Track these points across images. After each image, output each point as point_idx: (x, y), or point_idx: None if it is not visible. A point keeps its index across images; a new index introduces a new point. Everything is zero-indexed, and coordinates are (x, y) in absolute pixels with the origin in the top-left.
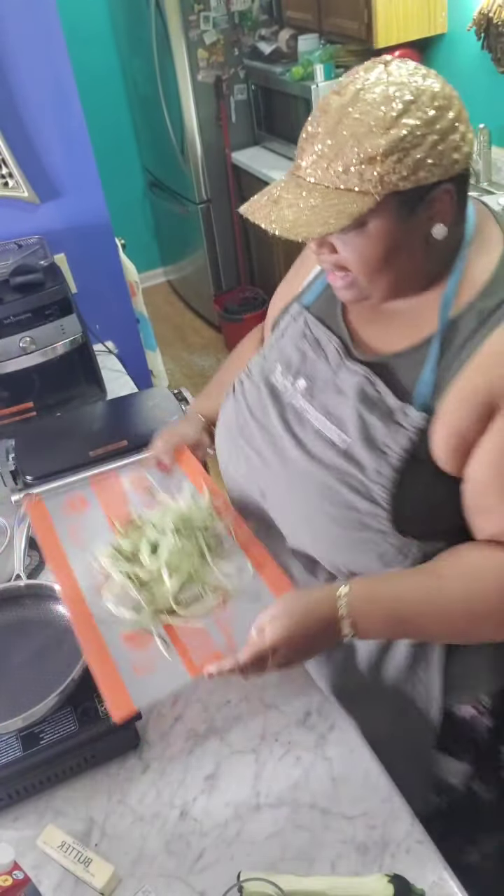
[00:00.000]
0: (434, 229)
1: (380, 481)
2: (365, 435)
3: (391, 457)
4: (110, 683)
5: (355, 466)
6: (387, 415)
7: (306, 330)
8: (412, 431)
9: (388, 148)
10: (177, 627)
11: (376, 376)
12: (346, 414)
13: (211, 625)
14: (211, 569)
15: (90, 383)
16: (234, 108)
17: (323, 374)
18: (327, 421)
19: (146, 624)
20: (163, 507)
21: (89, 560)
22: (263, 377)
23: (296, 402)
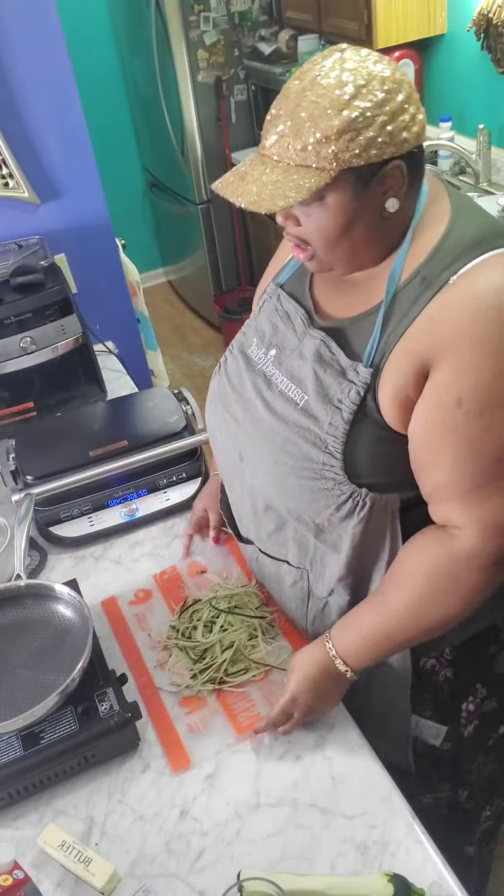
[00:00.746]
0: (388, 203)
1: (333, 433)
2: (321, 392)
3: (343, 411)
4: (169, 740)
5: (312, 421)
6: (340, 373)
7: (278, 305)
8: (360, 386)
9: (341, 128)
10: (226, 694)
11: (331, 339)
12: (305, 374)
13: (255, 693)
14: (257, 646)
15: (90, 383)
16: (234, 109)
17: (290, 343)
18: (290, 383)
19: (199, 691)
20: (216, 588)
21: (154, 640)
22: (241, 351)
23: (266, 369)
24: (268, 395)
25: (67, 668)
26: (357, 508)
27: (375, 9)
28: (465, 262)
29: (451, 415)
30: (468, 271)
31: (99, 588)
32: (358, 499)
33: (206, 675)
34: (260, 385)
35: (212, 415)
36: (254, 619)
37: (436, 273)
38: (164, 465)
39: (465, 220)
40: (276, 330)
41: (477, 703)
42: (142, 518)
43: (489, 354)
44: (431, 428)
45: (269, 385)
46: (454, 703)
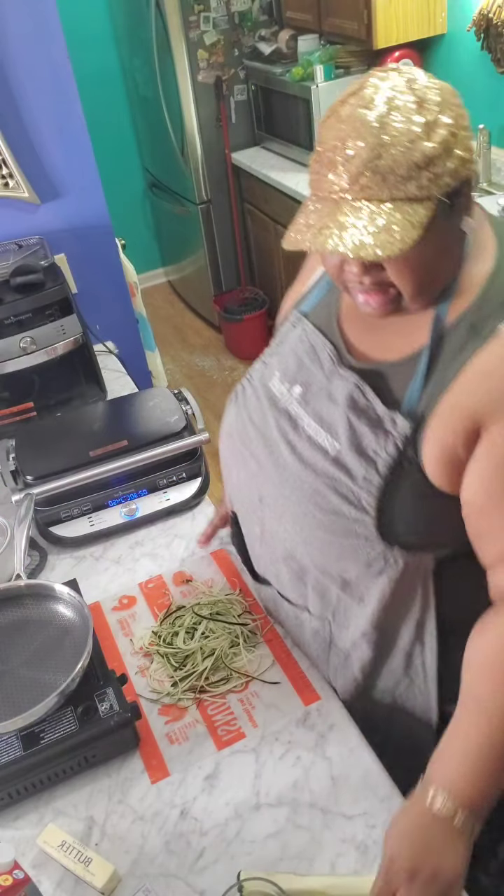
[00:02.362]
0: (464, 224)
1: (367, 488)
2: (354, 442)
3: (379, 464)
4: (148, 751)
5: (345, 473)
6: (375, 422)
7: (303, 336)
8: (399, 438)
9: (437, 150)
10: (206, 703)
11: (366, 384)
12: (337, 421)
13: (235, 704)
14: (239, 654)
15: (90, 383)
16: (234, 109)
17: (317, 381)
18: (319, 427)
19: (179, 699)
20: (200, 596)
21: (136, 644)
22: (263, 383)
23: (291, 408)
24: (294, 439)
25: (67, 668)
26: (388, 567)
27: (375, 9)
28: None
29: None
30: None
31: (99, 588)
32: (390, 558)
33: (187, 682)
34: (285, 426)
35: (228, 449)
36: (235, 626)
37: (484, 319)
38: (164, 465)
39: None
40: (300, 365)
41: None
42: (142, 518)
43: None
44: (493, 493)
45: (296, 427)
46: None
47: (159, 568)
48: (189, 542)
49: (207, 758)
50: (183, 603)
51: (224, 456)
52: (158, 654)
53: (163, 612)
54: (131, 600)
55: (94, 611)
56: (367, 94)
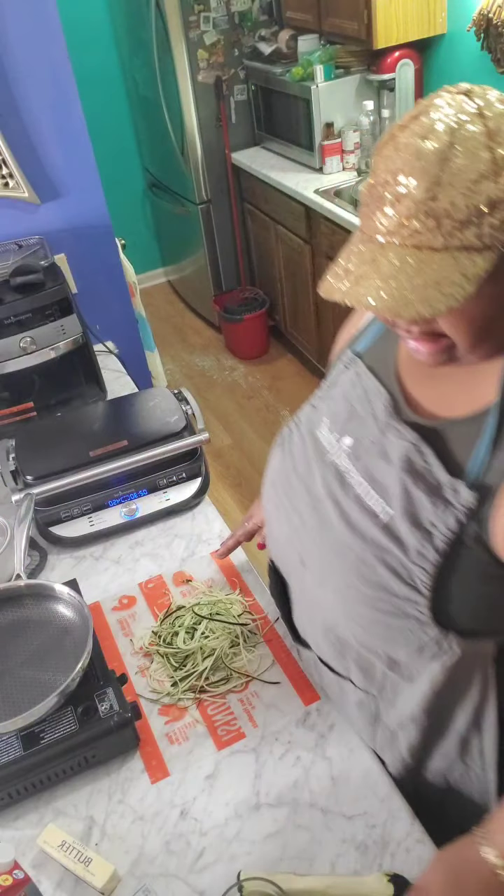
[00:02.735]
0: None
1: (422, 564)
2: (409, 510)
3: (436, 537)
4: (148, 751)
5: (396, 544)
6: (434, 490)
7: (356, 381)
8: (461, 511)
9: None
10: (206, 703)
11: (426, 444)
12: (390, 483)
13: (235, 704)
14: (238, 654)
15: (90, 383)
16: (234, 109)
17: (370, 434)
18: (370, 488)
19: (179, 699)
20: (200, 596)
21: (136, 644)
22: (310, 430)
23: (340, 461)
24: (341, 498)
25: (67, 668)
26: (442, 654)
27: (375, 9)
28: None
29: None
30: None
31: (99, 588)
32: (444, 644)
33: (187, 682)
34: (332, 482)
35: (271, 500)
36: (235, 626)
37: None
38: (164, 465)
39: None
40: (352, 414)
41: None
42: (142, 518)
43: None
44: None
45: (343, 484)
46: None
47: (159, 568)
48: (189, 541)
49: (207, 758)
50: (183, 603)
51: (266, 506)
52: (158, 654)
53: (163, 612)
54: (131, 600)
55: (94, 611)
56: (428, 120)
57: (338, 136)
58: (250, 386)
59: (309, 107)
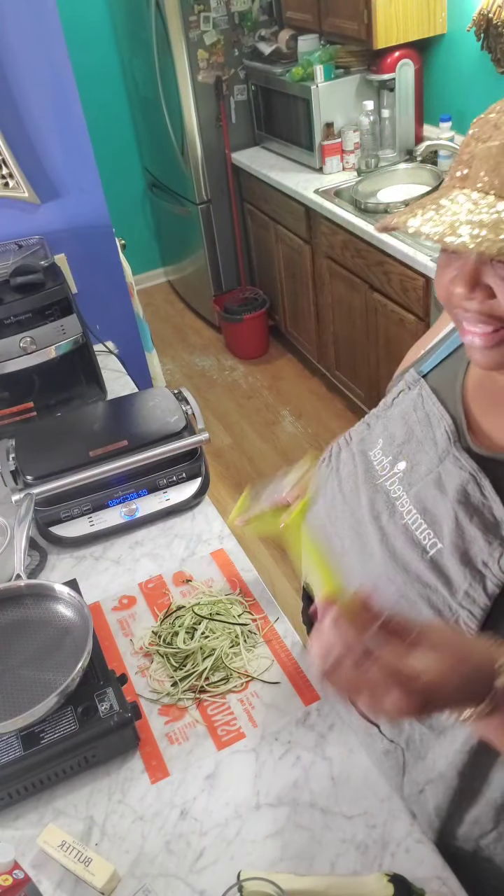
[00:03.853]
0: None
1: (469, 607)
2: (460, 546)
3: (488, 579)
4: (148, 751)
5: (443, 582)
6: (491, 527)
7: (418, 402)
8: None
9: None
10: (206, 703)
11: (485, 477)
12: (442, 515)
13: (235, 704)
14: (239, 654)
15: (90, 383)
16: (234, 109)
17: (427, 461)
18: (420, 518)
19: (179, 700)
20: (200, 596)
21: (136, 644)
22: (362, 450)
23: (392, 487)
24: (387, 525)
25: (67, 668)
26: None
27: (375, 9)
28: None
29: None
30: None
31: (99, 588)
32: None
33: (187, 682)
34: (380, 508)
35: (317, 517)
36: (235, 626)
37: None
38: (164, 465)
39: None
40: (410, 436)
41: None
42: (142, 518)
43: None
44: None
45: (392, 511)
46: None
47: (159, 568)
48: (189, 542)
49: (207, 758)
50: (183, 603)
51: (314, 521)
52: (158, 654)
53: (163, 612)
54: (131, 600)
55: (94, 611)
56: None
57: (338, 136)
58: (250, 386)
59: (309, 107)
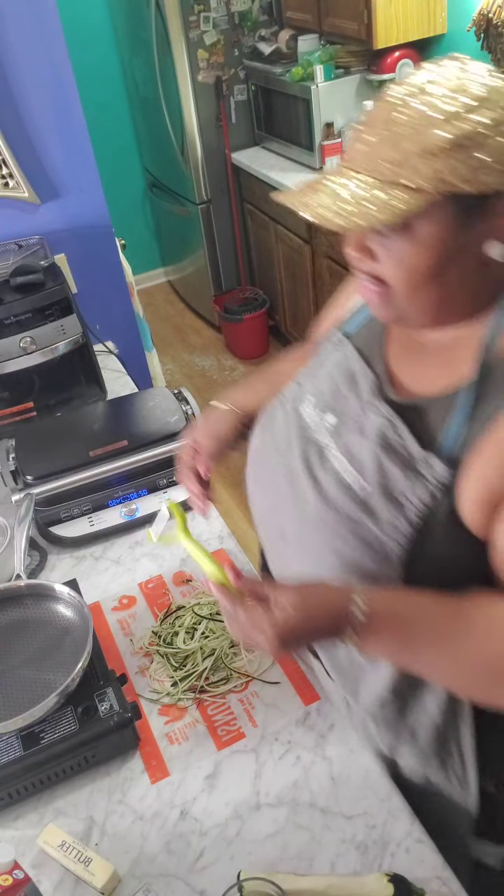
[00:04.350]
0: (490, 247)
1: (394, 536)
2: (383, 483)
3: (408, 510)
4: (148, 751)
5: (369, 517)
6: (408, 463)
7: (343, 362)
8: (434, 485)
9: (450, 142)
10: (206, 703)
11: (400, 420)
12: (365, 457)
13: (235, 704)
14: (238, 654)
15: (90, 383)
16: (234, 109)
17: (353, 412)
18: (348, 463)
19: (179, 699)
20: (200, 596)
21: (136, 644)
22: (294, 407)
23: (321, 438)
24: (319, 473)
25: (67, 668)
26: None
27: (375, 9)
28: None
29: None
30: None
31: (99, 588)
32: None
33: (187, 682)
34: (311, 457)
35: (252, 475)
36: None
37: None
38: (164, 465)
39: None
40: (336, 392)
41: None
42: (142, 518)
43: None
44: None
45: (323, 460)
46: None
47: (159, 568)
48: None
49: (207, 758)
50: (183, 603)
51: (248, 481)
52: (158, 654)
53: (163, 612)
54: (131, 600)
55: (94, 611)
56: (412, 76)
57: (338, 136)
58: None
59: (309, 107)
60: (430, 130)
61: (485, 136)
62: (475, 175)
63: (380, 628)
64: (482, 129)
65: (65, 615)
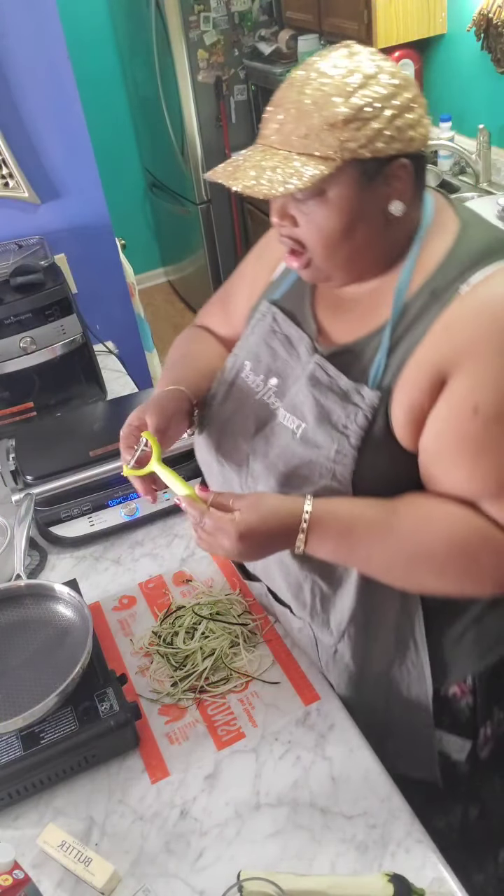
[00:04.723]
0: (392, 205)
1: (341, 461)
2: (322, 417)
3: (350, 437)
4: (148, 750)
5: (314, 450)
6: (342, 396)
7: (275, 326)
8: (367, 410)
9: (348, 115)
10: (206, 703)
11: (328, 363)
12: (303, 402)
13: (235, 704)
14: (239, 654)
15: (90, 383)
16: (234, 109)
17: (294, 373)
18: (292, 415)
19: (179, 700)
20: (200, 596)
21: (136, 644)
22: (234, 376)
23: (268, 399)
24: (268, 432)
25: (67, 668)
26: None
27: (375, 9)
28: (477, 271)
29: (467, 424)
30: (482, 281)
31: (99, 588)
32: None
33: (187, 682)
34: (263, 417)
35: (204, 453)
36: (235, 626)
37: (446, 284)
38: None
39: (475, 230)
40: (275, 356)
41: (494, 727)
42: (142, 518)
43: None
44: (446, 437)
45: (273, 418)
46: (473, 726)
47: (159, 568)
48: (189, 541)
49: (207, 758)
50: (183, 603)
51: (207, 456)
52: (158, 654)
53: (163, 612)
54: (131, 600)
55: (95, 611)
56: (309, 60)
57: None
58: None
59: None
60: (329, 107)
61: (375, 108)
62: (372, 143)
63: (323, 528)
64: (373, 103)
65: (65, 615)
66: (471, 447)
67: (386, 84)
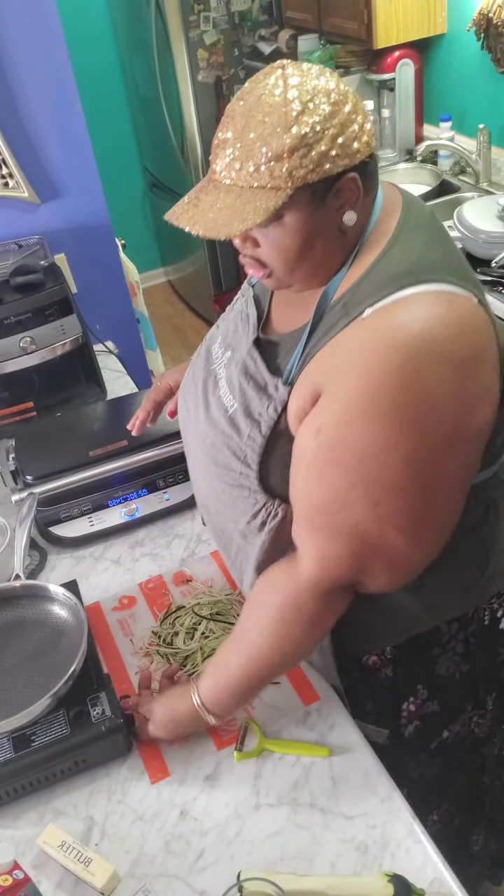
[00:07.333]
0: (345, 217)
1: (252, 446)
2: (244, 403)
3: (262, 425)
4: (147, 751)
5: (235, 430)
6: (262, 387)
7: (244, 306)
8: (278, 403)
9: (292, 145)
10: None
11: (257, 353)
12: (234, 383)
13: None
14: None
15: (90, 383)
16: None
17: (241, 348)
18: (227, 390)
19: None
20: (200, 595)
21: (136, 644)
22: (208, 345)
23: (218, 369)
24: (211, 398)
25: (61, 671)
26: (270, 518)
27: (375, 9)
28: (384, 295)
29: (308, 441)
30: (386, 307)
31: (99, 588)
32: (271, 509)
33: None
34: (210, 386)
35: (180, 406)
36: (232, 620)
37: (356, 302)
38: (164, 465)
39: (401, 246)
40: (235, 331)
41: (418, 704)
42: (142, 518)
43: (364, 392)
44: (296, 449)
45: (216, 387)
46: (395, 701)
47: (159, 568)
48: (189, 541)
49: (207, 758)
50: (183, 603)
51: (179, 410)
52: (158, 654)
53: (163, 613)
54: (131, 600)
55: (94, 611)
56: (247, 88)
57: None
58: None
59: None
60: (274, 139)
61: (318, 132)
62: (319, 167)
63: (214, 698)
64: (315, 127)
65: (61, 617)
66: (301, 465)
67: (324, 104)
